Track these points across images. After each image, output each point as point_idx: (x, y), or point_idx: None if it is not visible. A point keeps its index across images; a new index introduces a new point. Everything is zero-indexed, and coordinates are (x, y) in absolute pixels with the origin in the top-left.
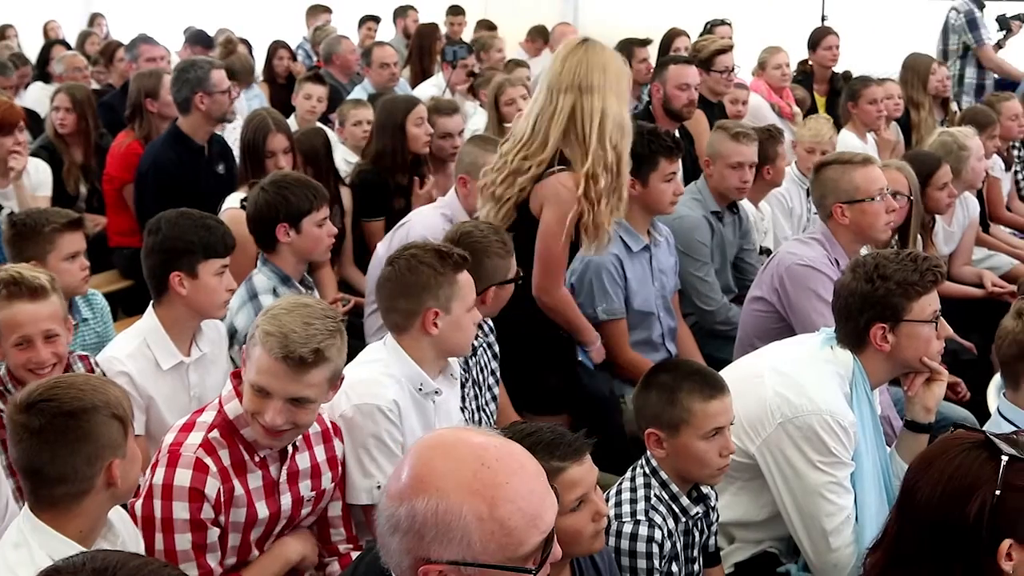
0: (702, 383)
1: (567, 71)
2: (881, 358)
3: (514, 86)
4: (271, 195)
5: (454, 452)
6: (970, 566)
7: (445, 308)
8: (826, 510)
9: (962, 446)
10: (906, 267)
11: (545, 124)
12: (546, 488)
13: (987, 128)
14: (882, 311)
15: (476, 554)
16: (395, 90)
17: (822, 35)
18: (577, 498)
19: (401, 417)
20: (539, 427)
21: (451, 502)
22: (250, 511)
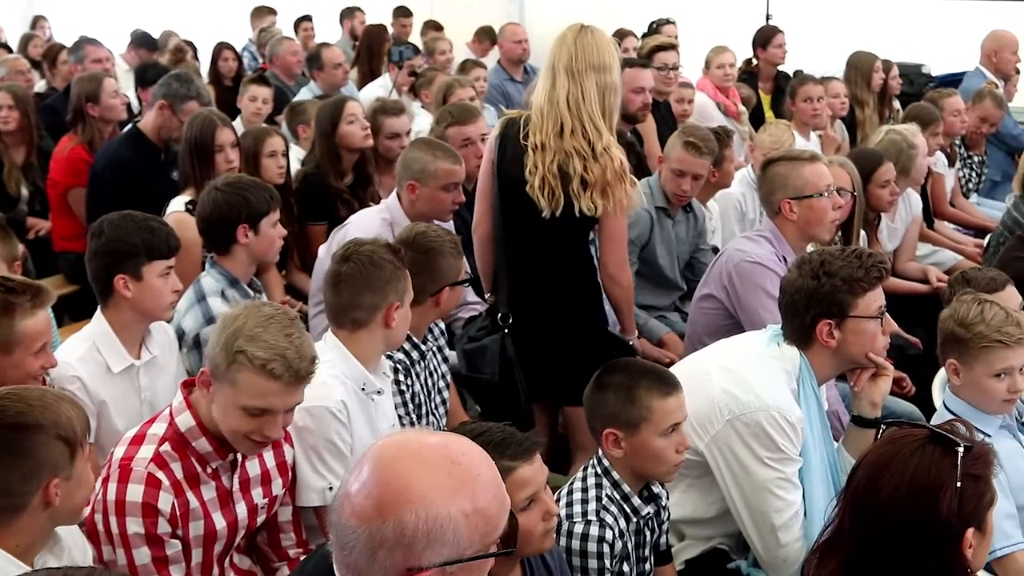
0: (658, 380)
1: (581, 53)
2: (827, 354)
3: (464, 87)
4: (231, 196)
5: (421, 455)
6: (940, 561)
7: (402, 301)
8: (775, 506)
9: (914, 445)
10: (851, 263)
11: (582, 105)
12: (497, 469)
13: (931, 125)
14: (828, 307)
15: (463, 550)
16: (342, 91)
17: (771, 34)
18: (527, 497)
19: (349, 418)
20: (488, 427)
21: (438, 507)
22: (207, 523)
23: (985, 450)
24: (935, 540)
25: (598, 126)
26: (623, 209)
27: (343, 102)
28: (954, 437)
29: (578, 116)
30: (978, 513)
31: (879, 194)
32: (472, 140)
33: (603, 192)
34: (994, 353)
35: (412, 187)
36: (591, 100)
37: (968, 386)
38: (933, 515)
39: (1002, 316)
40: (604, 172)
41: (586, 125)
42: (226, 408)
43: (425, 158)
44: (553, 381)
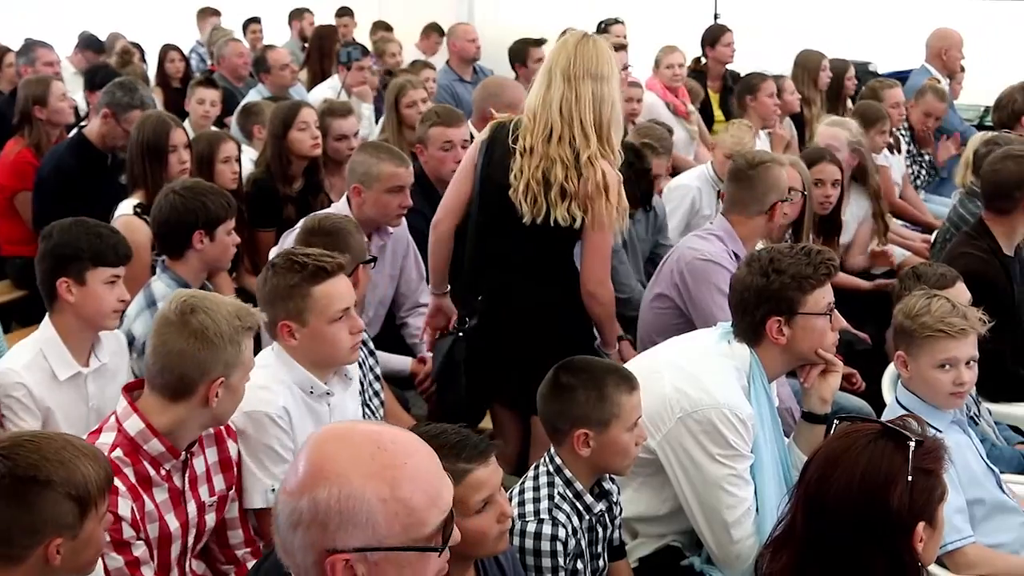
0: (622, 377)
1: (580, 60)
2: (777, 351)
3: (416, 88)
4: (188, 200)
5: (349, 439)
6: (891, 555)
7: (298, 320)
8: (726, 502)
9: (865, 439)
10: (800, 261)
11: (576, 111)
12: (441, 469)
13: (877, 123)
14: (777, 304)
15: (381, 538)
16: (291, 93)
17: (719, 32)
18: (483, 499)
19: (292, 423)
20: (444, 428)
21: (353, 487)
22: (162, 525)
23: (936, 445)
24: (886, 534)
25: (587, 135)
26: (602, 224)
27: (298, 108)
28: (905, 432)
29: (569, 122)
30: (929, 507)
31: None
32: (453, 143)
33: (582, 204)
34: (937, 343)
35: (358, 191)
36: (585, 107)
37: (915, 378)
38: (884, 509)
39: (948, 308)
40: (586, 184)
41: (575, 133)
42: (323, 337)
43: (369, 161)
44: (520, 388)
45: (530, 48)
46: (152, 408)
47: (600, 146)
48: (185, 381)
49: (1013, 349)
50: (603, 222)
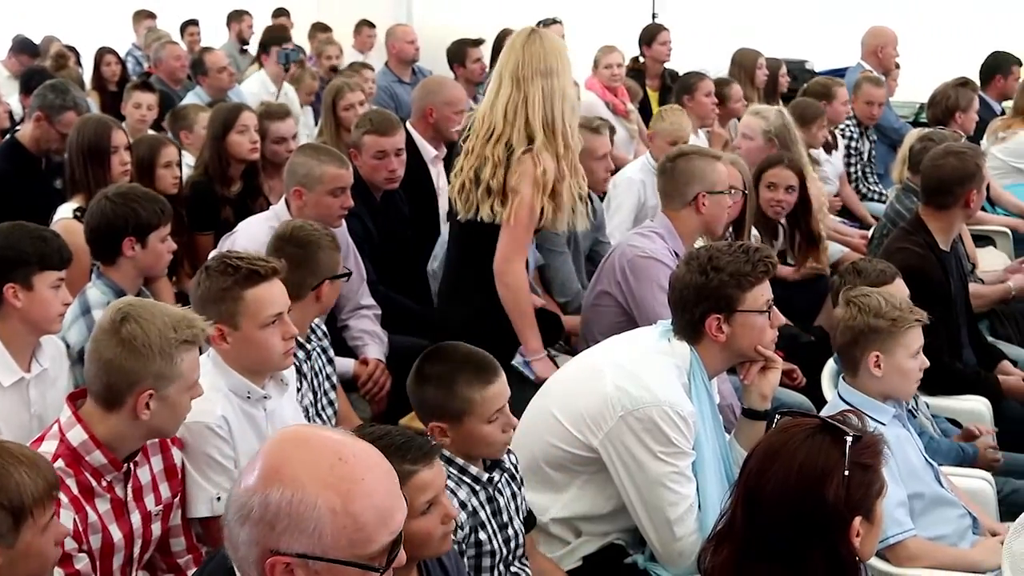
0: (476, 370)
1: (528, 59)
2: (717, 348)
3: (353, 91)
4: (119, 206)
5: (311, 445)
6: (828, 549)
7: (230, 324)
8: (669, 499)
9: (804, 433)
10: (738, 259)
11: (522, 112)
12: (398, 490)
13: (816, 120)
14: (716, 302)
15: (326, 548)
16: (229, 95)
17: (655, 32)
18: (427, 501)
19: (231, 432)
20: (389, 430)
21: (306, 493)
22: (105, 535)
23: (874, 440)
24: (822, 527)
25: (532, 133)
26: (519, 213)
27: (238, 110)
28: (843, 427)
29: (512, 123)
30: (866, 502)
31: (765, 196)
32: (387, 153)
33: (502, 198)
34: (913, 333)
35: (299, 193)
36: (534, 107)
37: (890, 373)
38: (820, 502)
39: (900, 298)
40: (512, 177)
41: (516, 133)
42: (255, 342)
43: (310, 163)
44: None
45: (468, 48)
46: (93, 417)
47: (547, 140)
48: (113, 391)
49: (949, 343)
50: (521, 213)
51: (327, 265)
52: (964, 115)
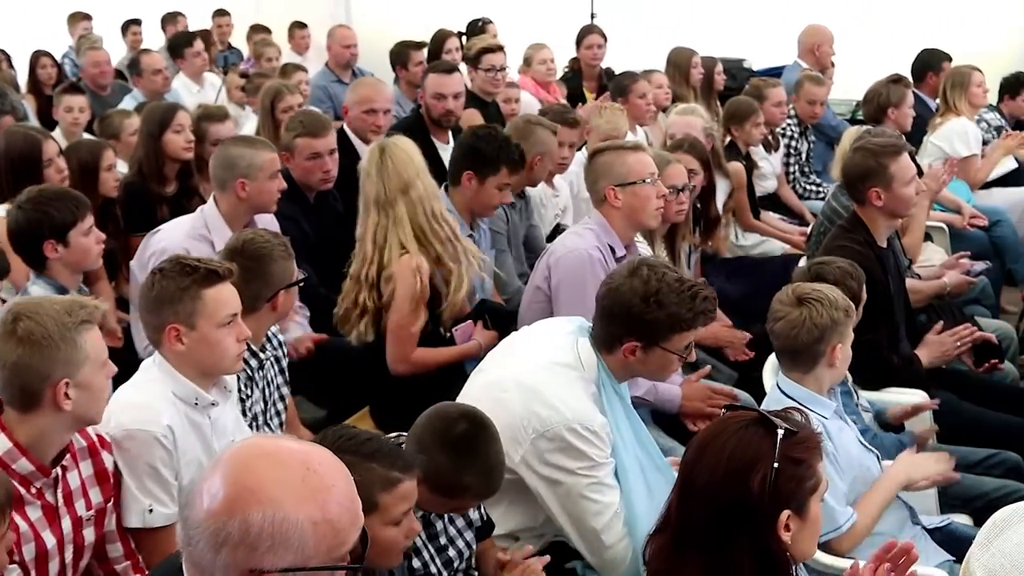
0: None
1: (386, 182)
2: (623, 364)
3: (292, 94)
4: (31, 212)
5: (278, 459)
6: (755, 541)
7: (188, 324)
8: (592, 510)
9: (739, 424)
10: (684, 302)
11: (384, 236)
12: (354, 487)
13: (751, 117)
14: (643, 334)
15: (307, 558)
16: (166, 97)
17: (585, 34)
18: (404, 512)
19: (176, 442)
20: (372, 435)
21: (287, 511)
22: (38, 543)
23: (809, 436)
24: (747, 518)
25: (405, 243)
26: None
27: (174, 110)
28: (776, 420)
29: (382, 247)
30: (796, 497)
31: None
32: (320, 153)
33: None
34: (852, 322)
35: (243, 185)
36: (403, 224)
37: (843, 361)
38: (744, 493)
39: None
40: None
41: (388, 252)
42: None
43: (248, 152)
44: None
45: (411, 51)
46: (13, 423)
47: (423, 247)
48: (28, 391)
49: (888, 339)
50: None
51: (280, 275)
52: (897, 111)
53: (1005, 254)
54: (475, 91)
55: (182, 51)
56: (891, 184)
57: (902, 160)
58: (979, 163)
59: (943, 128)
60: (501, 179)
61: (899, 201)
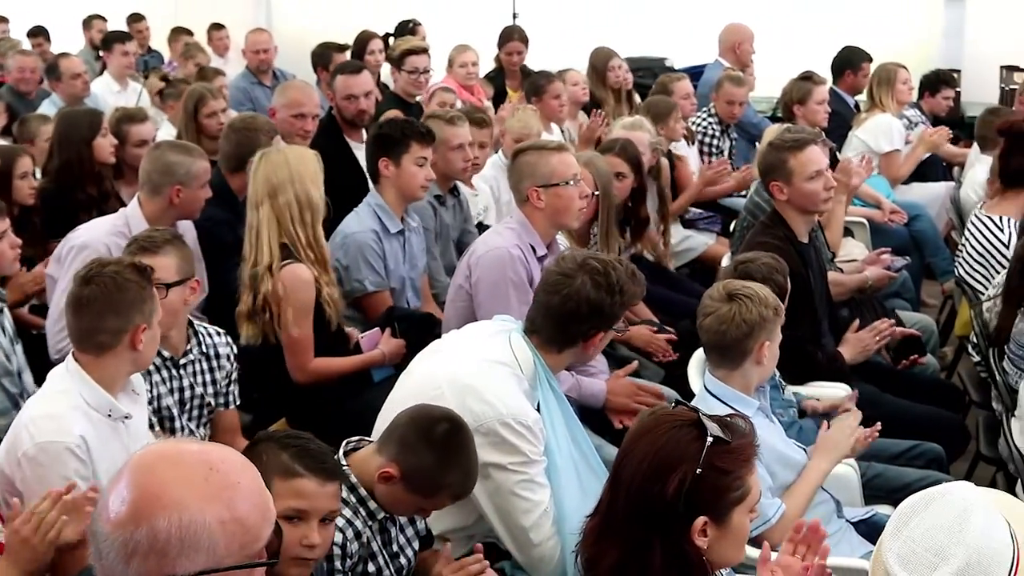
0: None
1: (256, 184)
2: (574, 356)
3: (216, 98)
4: None
5: (179, 462)
6: (668, 542)
7: (149, 323)
8: (522, 507)
9: (672, 423)
10: (636, 283)
11: (257, 235)
12: (263, 483)
13: (670, 113)
14: (607, 322)
15: (221, 558)
16: (85, 102)
17: (506, 39)
18: (294, 509)
19: (90, 452)
20: (309, 437)
21: (192, 512)
22: None
23: (743, 447)
24: (661, 520)
25: (273, 250)
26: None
27: (100, 114)
28: (712, 425)
29: (257, 246)
30: (716, 506)
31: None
32: None
33: (252, 319)
34: (780, 321)
35: (178, 191)
36: (270, 226)
37: (770, 360)
38: (660, 493)
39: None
40: (257, 299)
41: (258, 253)
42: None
43: (187, 160)
44: None
45: (333, 53)
46: None
47: (299, 253)
48: None
49: (811, 332)
50: (290, 320)
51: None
52: (803, 108)
53: (925, 248)
54: (398, 92)
55: (112, 46)
56: (791, 178)
57: (803, 155)
58: (901, 159)
59: (868, 124)
60: (415, 155)
61: (802, 195)
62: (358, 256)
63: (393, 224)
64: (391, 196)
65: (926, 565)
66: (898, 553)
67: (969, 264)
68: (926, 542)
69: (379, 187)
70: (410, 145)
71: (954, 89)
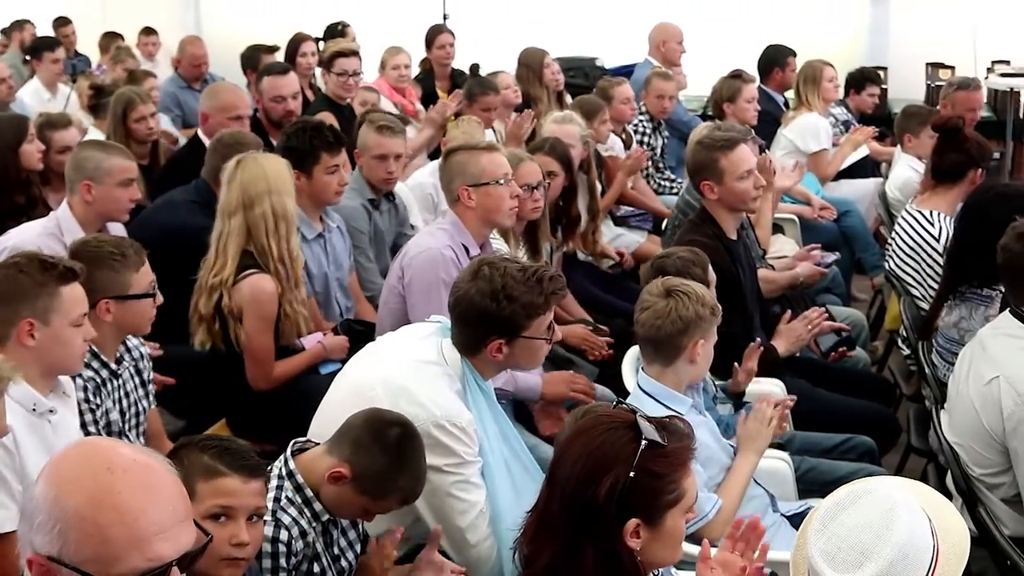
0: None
1: (231, 193)
2: (492, 363)
3: (144, 103)
4: None
5: (89, 451)
6: (600, 543)
7: (43, 320)
8: (458, 508)
9: (609, 424)
10: (533, 290)
11: (225, 244)
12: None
13: (597, 114)
14: (502, 329)
15: (70, 554)
16: (11, 107)
17: (435, 34)
18: (221, 508)
19: (17, 444)
20: (233, 440)
21: (61, 492)
22: None
23: (678, 450)
24: (594, 521)
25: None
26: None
27: (26, 121)
28: (648, 427)
29: (223, 256)
30: (649, 509)
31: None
32: None
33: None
34: (716, 321)
35: (88, 187)
36: (240, 236)
37: (703, 360)
38: (592, 494)
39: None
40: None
41: (225, 262)
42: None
43: (98, 155)
44: None
45: (262, 55)
46: None
47: (265, 259)
48: None
49: (742, 329)
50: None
51: (105, 283)
52: (733, 106)
53: (854, 244)
54: (328, 95)
55: (41, 54)
56: (722, 177)
57: (734, 155)
58: (829, 157)
59: (795, 123)
60: (325, 165)
61: (732, 194)
62: None
63: (310, 230)
64: (305, 203)
65: (851, 563)
66: (823, 550)
67: (899, 258)
68: (852, 540)
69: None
70: (319, 156)
71: (880, 86)
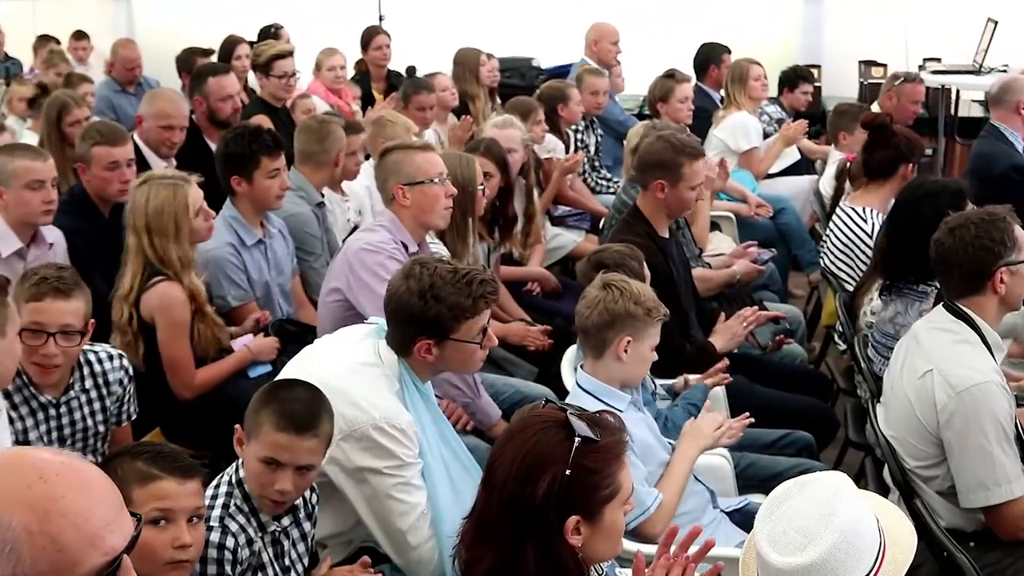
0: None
1: (135, 211)
2: (425, 365)
3: (80, 107)
4: None
5: (13, 465)
6: (541, 541)
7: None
8: (398, 510)
9: (542, 424)
10: (461, 291)
11: (136, 257)
12: (116, 511)
13: (531, 114)
14: (430, 329)
15: (26, 570)
16: None
17: (372, 35)
18: (161, 511)
19: None
20: (164, 445)
21: (0, 514)
22: None
23: (611, 444)
24: (533, 521)
25: (133, 273)
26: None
27: None
28: (580, 424)
29: (131, 263)
30: (587, 505)
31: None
32: (119, 163)
33: (124, 336)
34: (659, 326)
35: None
36: (142, 253)
37: (633, 360)
38: (531, 494)
39: (650, 291)
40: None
41: (137, 273)
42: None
43: (3, 160)
44: None
45: (197, 58)
46: None
47: (178, 275)
48: None
49: (678, 326)
50: (166, 339)
51: None
52: (666, 105)
53: (790, 241)
54: (265, 97)
55: None
56: (678, 182)
57: (696, 165)
58: (761, 155)
59: (725, 122)
60: (266, 169)
61: (679, 201)
62: (217, 273)
63: (250, 236)
64: (246, 208)
65: (795, 545)
66: (768, 534)
67: (834, 255)
68: (796, 524)
69: (234, 200)
70: (259, 161)
71: (812, 84)
